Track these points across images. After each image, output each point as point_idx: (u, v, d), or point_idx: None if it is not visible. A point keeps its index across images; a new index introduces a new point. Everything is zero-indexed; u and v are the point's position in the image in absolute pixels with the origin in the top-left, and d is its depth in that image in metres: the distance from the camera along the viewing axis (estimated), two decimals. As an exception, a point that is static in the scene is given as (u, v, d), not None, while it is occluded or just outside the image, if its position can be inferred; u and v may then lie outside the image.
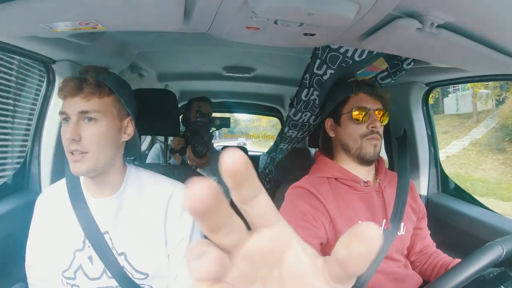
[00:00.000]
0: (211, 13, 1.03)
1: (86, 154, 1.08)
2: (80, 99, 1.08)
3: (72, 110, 1.08)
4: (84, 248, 1.16)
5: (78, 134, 1.06)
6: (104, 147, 1.11)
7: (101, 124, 1.10)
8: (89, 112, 1.08)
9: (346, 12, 0.91)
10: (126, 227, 1.18)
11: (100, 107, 1.10)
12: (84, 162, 1.08)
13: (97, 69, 1.15)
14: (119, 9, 0.98)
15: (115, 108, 1.14)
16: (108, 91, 1.13)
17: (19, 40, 1.32)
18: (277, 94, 3.80)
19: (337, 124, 1.44)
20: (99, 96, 1.10)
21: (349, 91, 1.42)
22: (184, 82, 3.24)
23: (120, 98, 1.16)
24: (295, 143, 1.93)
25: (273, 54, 2.24)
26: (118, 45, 1.84)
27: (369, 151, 1.35)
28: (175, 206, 1.20)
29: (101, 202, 1.18)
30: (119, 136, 1.17)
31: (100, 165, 1.11)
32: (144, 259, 1.17)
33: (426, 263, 1.48)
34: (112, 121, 1.13)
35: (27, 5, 0.91)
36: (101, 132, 1.09)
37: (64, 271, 1.17)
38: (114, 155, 1.17)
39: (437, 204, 1.92)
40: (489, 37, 1.10)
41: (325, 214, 1.31)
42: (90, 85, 1.08)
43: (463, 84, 9.34)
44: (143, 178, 1.25)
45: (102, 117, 1.10)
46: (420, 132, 2.01)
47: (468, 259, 0.98)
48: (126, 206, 1.19)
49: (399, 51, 1.34)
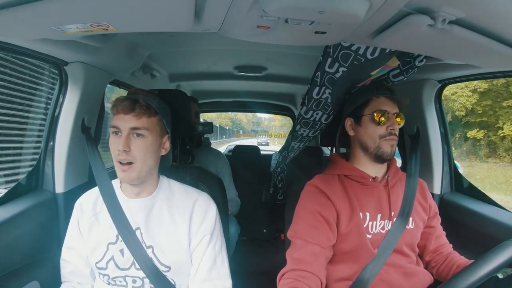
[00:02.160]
0: (221, 13, 1.04)
1: (132, 164, 1.27)
2: (132, 117, 1.26)
3: (124, 126, 1.26)
4: (117, 242, 1.34)
5: (128, 146, 1.25)
6: (148, 158, 1.30)
7: (147, 139, 1.28)
8: (139, 129, 1.27)
9: (357, 10, 0.91)
10: (156, 224, 1.36)
11: (148, 125, 1.28)
12: (131, 172, 1.27)
13: (146, 93, 1.36)
14: (130, 11, 0.99)
15: (159, 126, 1.34)
16: (155, 112, 1.32)
17: (32, 43, 1.34)
18: (289, 92, 3.79)
19: (358, 124, 1.49)
20: (148, 116, 1.29)
21: (371, 94, 1.48)
22: (196, 82, 3.24)
23: (163, 119, 1.36)
24: (307, 141, 1.93)
25: (284, 52, 2.24)
26: (129, 46, 1.86)
27: (387, 151, 1.43)
28: (199, 209, 1.38)
29: (136, 202, 1.37)
30: (159, 150, 1.36)
31: (143, 174, 1.30)
32: (168, 253, 1.34)
33: (442, 264, 1.48)
34: (155, 137, 1.31)
35: (38, 8, 0.92)
36: (147, 146, 1.28)
37: (97, 262, 1.34)
38: (154, 166, 1.36)
39: (451, 203, 1.90)
40: (502, 32, 1.09)
41: (332, 210, 1.40)
42: (142, 106, 1.27)
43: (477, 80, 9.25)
44: (173, 187, 1.44)
45: (149, 133, 1.29)
46: (433, 130, 1.99)
47: (482, 259, 0.97)
48: (157, 207, 1.38)
49: (411, 48, 1.33)
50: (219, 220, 1.43)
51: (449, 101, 17.03)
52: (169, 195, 1.40)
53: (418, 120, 1.99)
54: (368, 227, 1.40)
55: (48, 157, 1.69)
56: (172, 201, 1.39)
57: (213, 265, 1.35)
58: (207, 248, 1.35)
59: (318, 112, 1.61)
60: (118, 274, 1.34)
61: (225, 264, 1.40)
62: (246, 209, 3.46)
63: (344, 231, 1.38)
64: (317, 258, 1.31)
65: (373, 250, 1.38)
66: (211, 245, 1.36)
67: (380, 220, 1.42)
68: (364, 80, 1.61)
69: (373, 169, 1.48)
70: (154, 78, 2.57)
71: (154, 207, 1.37)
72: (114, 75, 1.93)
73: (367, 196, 1.44)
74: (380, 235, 1.41)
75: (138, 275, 1.33)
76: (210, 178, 1.71)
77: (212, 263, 1.35)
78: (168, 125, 1.40)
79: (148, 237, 1.34)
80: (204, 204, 1.40)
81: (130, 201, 1.37)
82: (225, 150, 4.75)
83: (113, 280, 1.34)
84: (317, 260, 1.30)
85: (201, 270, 1.35)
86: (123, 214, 1.34)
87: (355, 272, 1.37)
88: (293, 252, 1.33)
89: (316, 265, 1.29)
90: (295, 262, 1.29)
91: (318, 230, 1.35)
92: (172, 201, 1.39)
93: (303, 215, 1.40)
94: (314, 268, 1.28)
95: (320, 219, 1.37)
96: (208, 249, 1.36)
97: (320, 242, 1.33)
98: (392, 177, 1.50)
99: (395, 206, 1.45)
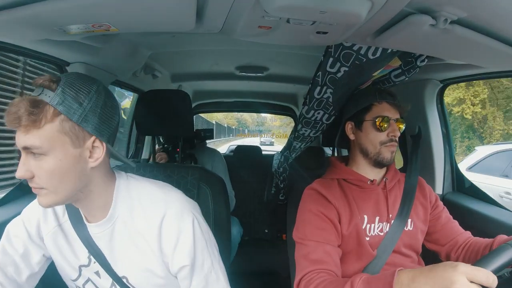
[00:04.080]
0: (223, 13, 1.04)
1: (42, 189, 0.94)
2: (21, 133, 0.89)
3: (19, 145, 0.91)
4: (89, 264, 1.12)
5: (29, 171, 0.91)
6: (60, 182, 0.94)
7: (48, 161, 0.91)
8: (30, 148, 0.90)
9: (359, 10, 0.91)
10: (122, 252, 1.09)
11: (40, 140, 0.89)
12: (44, 196, 0.95)
13: (46, 81, 0.91)
14: (131, 11, 0.99)
15: (65, 133, 0.92)
16: (52, 114, 0.90)
17: (34, 43, 1.34)
18: (290, 93, 3.79)
19: (358, 128, 1.49)
20: (38, 126, 0.88)
21: (373, 99, 1.47)
22: (197, 82, 3.25)
23: (71, 118, 0.91)
24: (309, 142, 1.93)
25: (286, 53, 2.24)
26: (131, 46, 1.86)
27: (387, 157, 1.43)
28: (168, 231, 1.05)
29: (93, 227, 1.08)
30: (80, 165, 0.96)
31: (64, 198, 0.97)
32: (145, 283, 1.10)
33: (468, 252, 1.42)
34: (62, 152, 0.92)
35: (40, 8, 0.92)
36: (50, 169, 0.91)
37: (73, 279, 1.15)
38: (83, 185, 0.99)
39: (452, 203, 1.89)
40: (504, 32, 1.09)
41: (334, 212, 1.39)
42: (26, 114, 0.87)
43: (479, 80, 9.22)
44: (134, 194, 1.09)
45: (47, 151, 0.90)
46: (435, 130, 1.99)
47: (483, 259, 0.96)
48: (118, 231, 1.08)
49: (413, 48, 1.33)
50: (201, 233, 1.10)
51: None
52: (130, 207, 1.07)
53: (420, 120, 1.99)
54: (366, 230, 1.41)
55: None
56: (134, 218, 1.06)
57: (206, 287, 1.11)
58: (192, 278, 1.09)
59: (320, 111, 1.61)
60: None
61: (221, 280, 1.14)
62: (248, 209, 3.47)
63: (345, 233, 1.38)
64: (332, 256, 1.31)
65: (373, 252, 1.38)
66: (197, 272, 1.09)
67: (378, 223, 1.42)
68: (366, 82, 1.61)
69: (372, 172, 1.49)
70: (155, 78, 2.58)
71: (115, 231, 1.07)
72: (115, 75, 1.93)
73: (365, 199, 1.45)
74: (378, 237, 1.41)
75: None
76: (213, 179, 1.71)
77: (204, 286, 1.10)
78: (87, 121, 0.94)
79: (118, 268, 1.09)
80: (173, 222, 1.06)
81: (89, 225, 1.08)
82: (227, 150, 4.75)
83: None
84: (332, 258, 1.30)
85: None
86: (90, 237, 1.09)
87: (356, 271, 1.37)
88: (306, 254, 1.32)
89: (332, 264, 1.29)
90: (312, 263, 1.29)
91: (326, 230, 1.36)
92: (134, 218, 1.06)
93: (308, 218, 1.40)
94: (332, 266, 1.28)
95: (326, 220, 1.37)
96: (194, 276, 1.09)
97: (330, 242, 1.33)
98: (390, 180, 1.50)
99: (393, 209, 1.45)
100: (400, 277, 0.94)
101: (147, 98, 1.89)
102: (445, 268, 0.85)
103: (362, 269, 1.38)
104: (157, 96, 1.83)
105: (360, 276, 1.06)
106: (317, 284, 1.19)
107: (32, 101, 0.87)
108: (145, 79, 2.48)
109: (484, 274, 0.81)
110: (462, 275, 0.80)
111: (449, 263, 0.86)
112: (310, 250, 1.32)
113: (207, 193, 1.64)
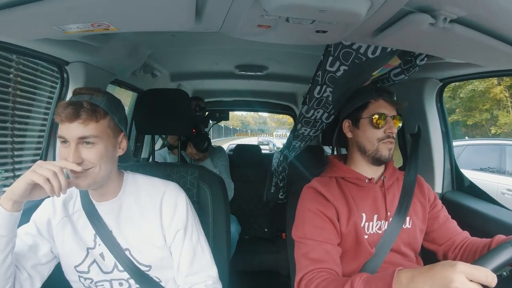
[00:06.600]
0: (222, 12, 1.04)
1: (89, 169, 1.16)
2: (78, 124, 1.13)
3: (71, 136, 1.13)
4: (95, 246, 1.30)
5: (80, 157, 1.14)
6: (103, 164, 1.19)
7: (99, 147, 1.17)
8: (88, 138, 1.14)
9: (358, 9, 0.91)
10: (128, 226, 1.31)
11: (97, 131, 1.16)
12: (86, 178, 1.17)
13: (91, 91, 1.20)
14: (130, 10, 0.99)
15: (110, 128, 1.21)
16: (103, 113, 1.18)
17: (33, 43, 1.34)
18: (290, 92, 3.80)
19: (355, 126, 1.49)
20: (96, 121, 1.15)
21: (369, 97, 1.46)
22: (197, 81, 3.25)
23: (114, 118, 1.23)
24: (308, 141, 1.93)
25: (286, 52, 2.24)
26: (130, 46, 1.86)
27: (385, 154, 1.43)
28: (168, 202, 1.33)
29: (103, 205, 1.31)
30: (115, 152, 1.26)
31: (99, 179, 1.20)
32: (146, 253, 1.30)
33: (464, 252, 1.42)
34: (108, 141, 1.20)
35: (39, 8, 0.93)
36: (100, 154, 1.17)
37: (76, 265, 1.30)
38: (111, 169, 1.26)
39: (452, 202, 1.89)
40: (503, 31, 1.09)
41: (333, 210, 1.39)
42: (87, 110, 1.13)
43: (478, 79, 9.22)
44: (139, 182, 1.37)
45: (100, 140, 1.17)
46: (435, 129, 1.99)
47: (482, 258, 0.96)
48: (126, 207, 1.32)
49: (412, 47, 1.33)
50: (192, 209, 1.38)
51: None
52: (136, 191, 1.34)
53: (419, 119, 1.99)
54: (365, 228, 1.40)
55: (49, 157, 1.70)
56: (140, 198, 1.33)
57: (193, 258, 1.33)
58: (183, 242, 1.32)
59: (319, 110, 1.61)
60: (102, 278, 1.30)
61: (206, 254, 1.37)
62: (247, 208, 3.47)
63: (344, 231, 1.38)
64: (332, 255, 1.31)
65: (371, 250, 1.38)
66: (187, 238, 1.33)
67: (376, 221, 1.42)
68: (366, 81, 1.61)
69: (370, 170, 1.48)
70: (155, 77, 2.58)
71: (122, 208, 1.31)
72: (115, 74, 1.93)
73: (363, 197, 1.45)
74: (377, 235, 1.41)
75: (123, 277, 1.30)
76: (212, 178, 1.71)
77: (192, 256, 1.33)
78: (122, 122, 1.28)
79: (122, 240, 1.30)
80: (172, 196, 1.34)
81: (99, 204, 1.31)
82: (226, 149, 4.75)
83: (97, 284, 1.31)
84: (332, 257, 1.30)
85: (183, 265, 1.32)
86: (100, 216, 1.30)
87: (354, 270, 1.37)
88: (306, 253, 1.32)
89: (332, 262, 1.29)
90: (312, 262, 1.29)
91: (325, 229, 1.36)
92: (140, 198, 1.33)
93: (308, 217, 1.40)
94: (332, 264, 1.28)
95: (325, 219, 1.37)
96: (185, 243, 1.32)
97: (330, 240, 1.33)
98: (388, 178, 1.50)
99: (391, 207, 1.45)
100: (400, 276, 0.94)
101: (147, 97, 1.88)
102: (444, 267, 0.85)
103: (361, 267, 1.38)
104: (157, 95, 1.83)
105: (360, 276, 1.06)
106: (318, 284, 1.19)
107: (90, 103, 1.14)
108: (145, 78, 2.48)
109: (483, 272, 0.81)
110: (461, 274, 0.81)
111: (448, 262, 0.86)
112: (310, 249, 1.32)
113: (206, 192, 1.64)
